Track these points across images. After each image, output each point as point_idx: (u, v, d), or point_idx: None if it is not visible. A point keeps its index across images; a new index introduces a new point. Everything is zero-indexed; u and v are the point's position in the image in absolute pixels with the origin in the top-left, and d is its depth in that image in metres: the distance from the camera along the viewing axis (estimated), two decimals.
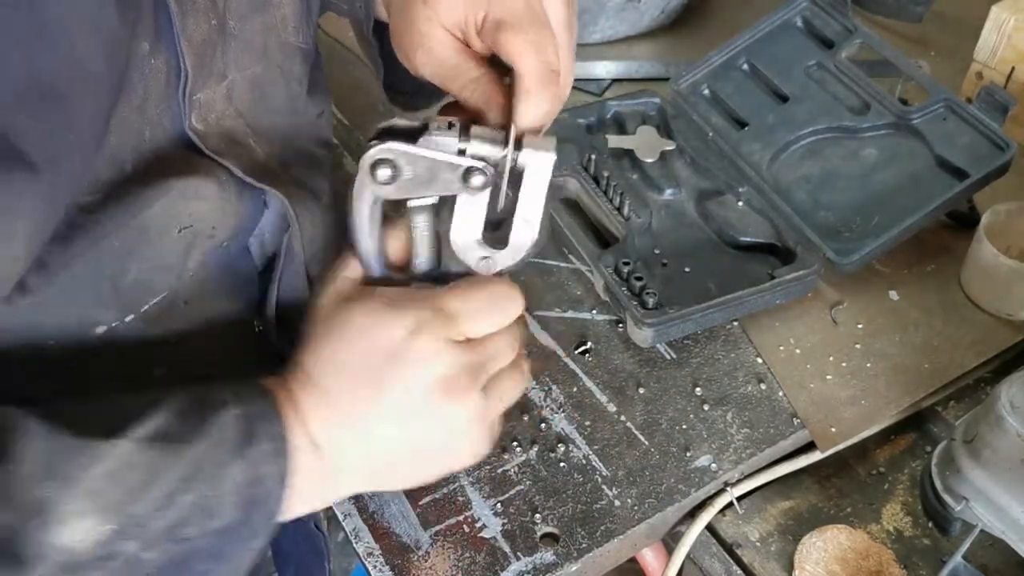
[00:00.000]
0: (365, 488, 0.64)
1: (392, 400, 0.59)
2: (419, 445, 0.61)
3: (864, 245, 0.91)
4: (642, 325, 0.85)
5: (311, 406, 0.59)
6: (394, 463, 0.62)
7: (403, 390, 0.59)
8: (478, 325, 0.60)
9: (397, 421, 0.59)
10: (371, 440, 0.60)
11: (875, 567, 0.77)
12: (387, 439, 0.60)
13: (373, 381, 0.59)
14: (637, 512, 0.79)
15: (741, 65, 1.10)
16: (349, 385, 0.59)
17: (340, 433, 0.59)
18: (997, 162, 0.92)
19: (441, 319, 0.59)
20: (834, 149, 1.01)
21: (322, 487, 0.60)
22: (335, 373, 0.59)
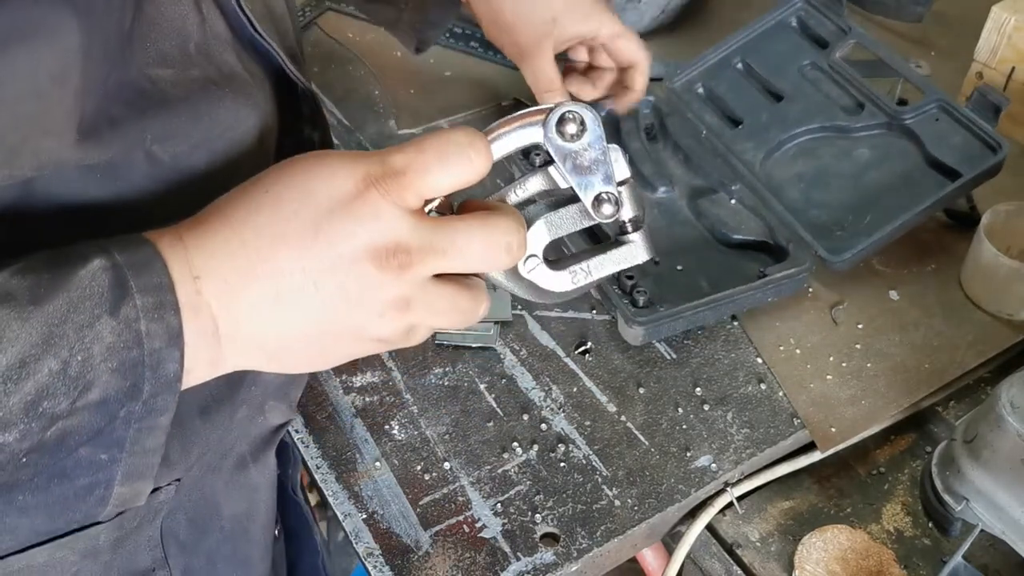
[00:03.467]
0: (253, 365, 0.52)
1: (316, 256, 0.49)
2: (326, 315, 0.50)
3: (856, 243, 0.91)
4: (633, 323, 0.85)
5: (207, 253, 0.49)
6: (294, 334, 0.51)
7: (331, 248, 0.48)
8: (434, 177, 0.49)
9: (314, 282, 0.49)
10: (278, 300, 0.49)
11: (875, 567, 0.77)
12: (296, 301, 0.49)
13: (300, 230, 0.48)
14: (637, 512, 0.79)
15: (736, 64, 1.10)
16: (268, 231, 0.49)
17: (241, 287, 0.49)
18: (989, 162, 0.92)
19: (392, 175, 0.49)
20: (827, 148, 1.02)
21: (210, 356, 0.50)
22: (249, 218, 0.49)
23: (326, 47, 1.28)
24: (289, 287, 0.49)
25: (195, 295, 0.48)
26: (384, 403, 0.86)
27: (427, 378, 0.88)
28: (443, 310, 0.52)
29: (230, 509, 0.71)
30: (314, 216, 0.48)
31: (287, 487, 0.85)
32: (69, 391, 0.45)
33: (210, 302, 0.48)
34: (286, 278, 0.49)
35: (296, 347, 0.51)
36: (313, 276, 0.49)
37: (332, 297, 0.49)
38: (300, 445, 0.84)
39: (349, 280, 0.49)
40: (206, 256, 0.48)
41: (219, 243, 0.49)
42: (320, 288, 0.49)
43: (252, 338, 0.50)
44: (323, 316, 0.50)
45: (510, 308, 0.94)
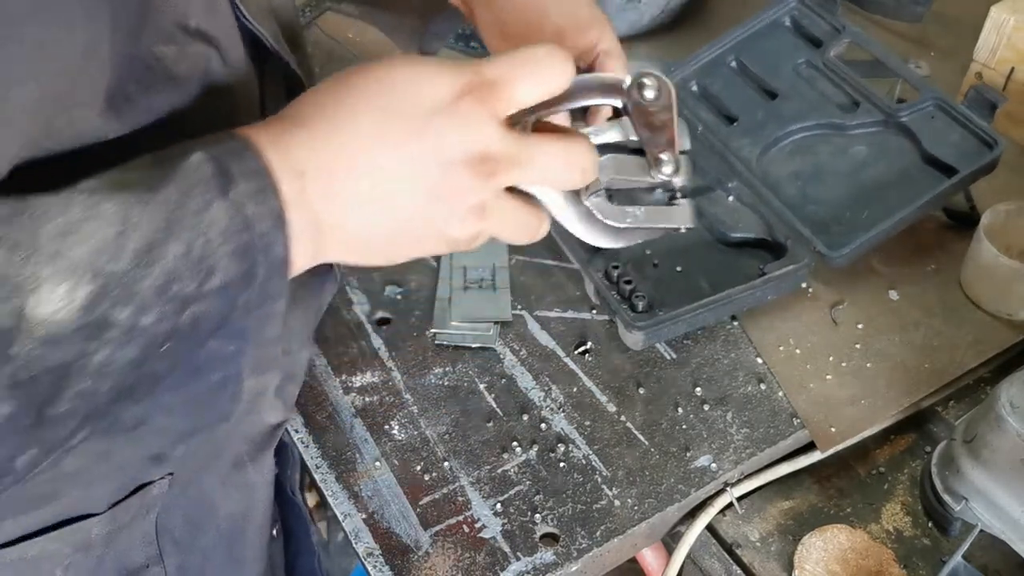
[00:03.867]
0: (343, 257, 0.55)
1: (415, 157, 0.51)
2: (417, 213, 0.53)
3: (854, 239, 0.91)
4: (632, 328, 0.85)
5: (310, 150, 0.51)
6: (385, 229, 0.54)
7: (430, 150, 0.51)
8: (525, 87, 0.52)
9: (411, 181, 0.52)
10: (375, 195, 0.52)
11: (875, 567, 0.77)
12: (392, 198, 0.52)
13: (402, 131, 0.51)
14: (637, 512, 0.79)
15: (730, 62, 1.10)
16: (370, 130, 0.51)
17: (342, 183, 0.51)
18: (985, 159, 0.92)
19: (488, 85, 0.52)
20: (823, 146, 1.02)
21: (313, 247, 0.52)
22: (351, 117, 0.52)
23: (326, 47, 1.28)
24: (388, 183, 0.51)
25: (299, 192, 0.49)
26: (384, 403, 0.86)
27: (427, 378, 0.88)
28: (512, 222, 0.55)
29: (226, 508, 0.71)
30: (415, 118, 0.51)
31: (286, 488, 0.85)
32: (195, 274, 0.46)
33: (313, 199, 0.50)
34: (386, 175, 0.51)
35: (383, 241, 0.54)
36: (411, 175, 0.51)
37: (425, 196, 0.52)
38: (300, 445, 0.84)
39: (442, 182, 0.51)
40: (309, 153, 0.50)
41: (321, 141, 0.51)
42: (415, 187, 0.51)
43: (349, 231, 0.52)
44: (414, 213, 0.53)
45: (510, 308, 0.94)
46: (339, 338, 0.91)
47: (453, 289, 0.95)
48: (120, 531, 0.62)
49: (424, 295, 0.96)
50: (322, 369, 0.89)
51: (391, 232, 0.54)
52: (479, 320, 0.92)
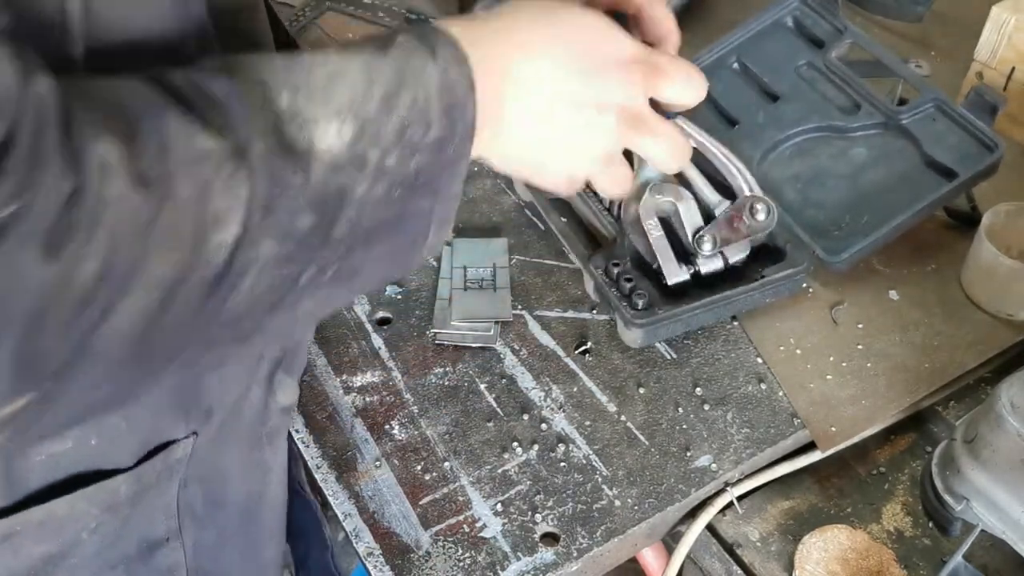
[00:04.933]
0: (514, 124, 0.61)
1: (582, 89, 0.60)
2: (567, 129, 0.61)
3: (853, 243, 0.91)
4: (632, 326, 0.85)
5: (483, 31, 0.58)
6: (543, 132, 0.62)
7: (596, 90, 0.60)
8: (676, 87, 0.64)
9: (572, 105, 0.60)
10: (541, 96, 0.60)
11: (875, 567, 0.77)
12: (554, 110, 0.60)
13: (580, 69, 0.60)
14: (637, 512, 0.79)
15: (732, 64, 1.10)
16: (552, 62, 0.60)
17: (517, 73, 0.59)
18: (986, 162, 0.92)
19: (654, 67, 0.62)
20: (824, 148, 1.02)
21: (493, 114, 0.59)
22: (541, 44, 0.60)
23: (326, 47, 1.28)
24: (554, 97, 0.60)
25: (480, 61, 0.56)
26: (384, 403, 0.86)
27: (427, 378, 0.88)
28: (619, 177, 0.65)
29: (244, 487, 0.72)
30: (593, 61, 0.60)
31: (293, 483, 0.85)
32: (422, 123, 0.52)
33: (495, 70, 0.57)
34: (554, 94, 0.60)
35: (544, 121, 0.61)
36: (577, 102, 0.60)
37: (579, 121, 0.61)
38: (300, 445, 0.84)
39: (594, 117, 0.61)
40: (493, 36, 0.59)
41: (504, 33, 0.59)
42: (576, 111, 0.60)
43: (520, 102, 0.59)
44: (572, 116, 0.61)
45: (510, 308, 0.94)
46: (339, 338, 0.91)
47: (453, 289, 0.95)
48: (145, 493, 0.63)
49: (424, 295, 0.96)
50: (322, 369, 0.89)
51: (553, 115, 0.61)
52: (479, 320, 0.92)
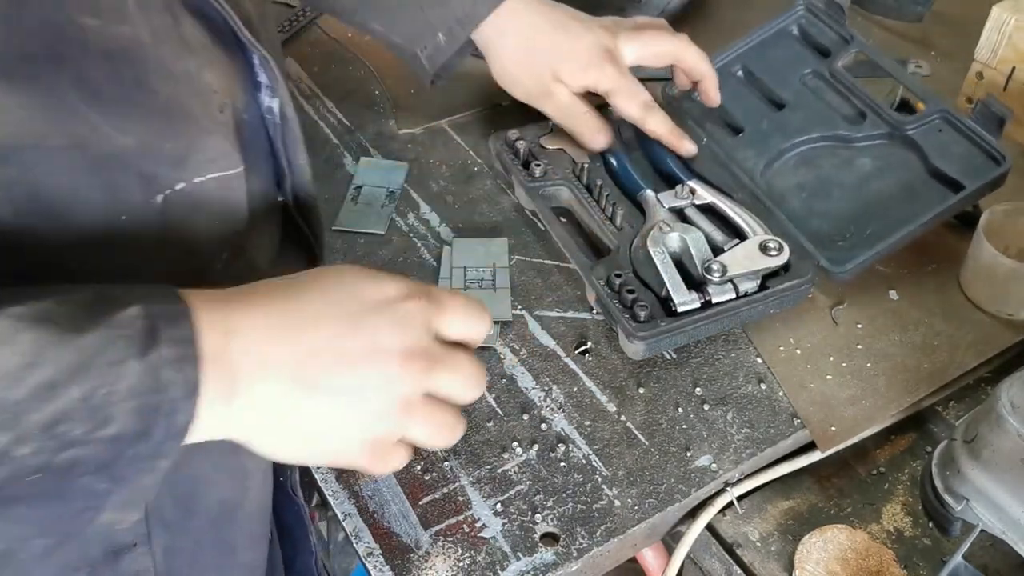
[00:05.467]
0: (257, 422, 0.55)
1: (352, 342, 0.55)
2: (343, 399, 0.56)
3: (858, 254, 0.91)
4: (633, 338, 0.85)
5: (245, 315, 0.54)
6: (304, 410, 0.55)
7: (369, 337, 0.55)
8: (458, 322, 0.60)
9: (345, 366, 0.55)
10: (303, 373, 0.54)
11: (875, 567, 0.77)
12: (319, 379, 0.55)
13: (343, 316, 0.55)
14: (637, 512, 0.79)
15: (736, 71, 1.10)
16: (312, 310, 0.55)
17: (271, 350, 0.54)
18: (992, 174, 0.91)
19: (432, 301, 0.58)
20: (829, 158, 1.01)
21: (224, 399, 0.53)
22: (296, 297, 0.55)
23: (326, 47, 1.28)
24: (318, 364, 0.55)
25: (222, 348, 0.52)
26: None
27: None
28: (434, 422, 0.59)
29: (219, 493, 0.71)
30: (358, 309, 0.56)
31: (286, 486, 0.85)
32: (87, 421, 0.48)
33: (235, 355, 0.53)
34: (318, 355, 0.55)
35: (299, 417, 0.56)
36: (345, 359, 0.55)
37: (356, 382, 0.56)
38: None
39: (374, 370, 0.56)
40: (244, 316, 0.54)
41: (261, 308, 0.55)
42: (349, 371, 0.55)
43: (266, 397, 0.54)
44: (339, 399, 0.56)
45: (510, 308, 0.94)
46: None
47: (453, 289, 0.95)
48: None
49: None
50: None
51: (314, 418, 0.56)
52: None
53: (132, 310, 0.49)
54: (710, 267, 0.87)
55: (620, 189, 1.00)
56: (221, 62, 0.61)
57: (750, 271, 0.88)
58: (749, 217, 0.94)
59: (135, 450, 0.50)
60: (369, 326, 0.56)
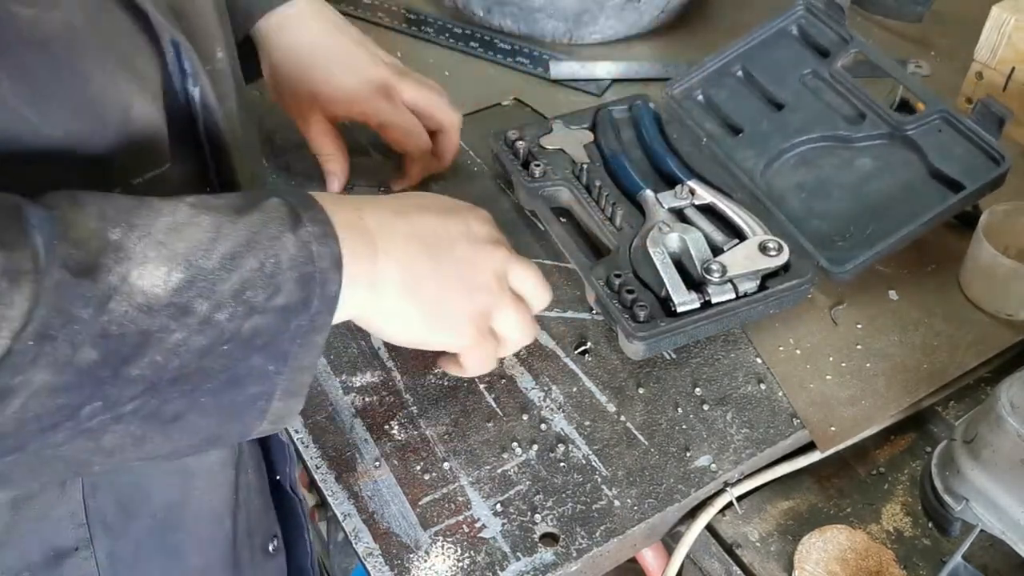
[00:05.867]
0: (396, 292, 0.65)
1: (454, 229, 0.69)
2: (459, 268, 0.68)
3: (858, 255, 0.91)
4: (633, 339, 0.85)
5: (369, 204, 0.64)
6: (426, 264, 0.66)
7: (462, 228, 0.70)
8: (528, 281, 0.74)
9: (457, 241, 0.69)
10: (420, 241, 0.66)
11: (875, 567, 0.77)
12: (433, 247, 0.67)
13: (446, 222, 0.69)
14: (637, 512, 0.79)
15: (736, 72, 1.10)
16: (418, 210, 0.68)
17: (393, 224, 0.64)
18: (992, 174, 0.91)
19: (515, 258, 0.73)
20: (828, 158, 1.01)
21: (367, 275, 0.62)
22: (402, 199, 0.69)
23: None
24: (437, 237, 0.68)
25: (357, 219, 0.62)
26: (384, 403, 0.86)
27: (427, 378, 0.88)
28: (521, 310, 0.74)
29: (162, 495, 0.70)
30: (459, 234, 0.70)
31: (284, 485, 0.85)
32: (265, 287, 0.53)
33: (369, 225, 0.62)
34: (436, 232, 0.68)
35: (426, 281, 0.67)
36: (456, 240, 0.69)
37: (468, 254, 0.69)
38: (300, 445, 0.84)
39: (479, 250, 0.70)
40: (367, 204, 0.64)
41: (377, 203, 0.66)
42: (461, 246, 0.69)
43: (402, 258, 0.64)
44: (458, 266, 0.68)
45: None
46: (339, 338, 0.91)
47: None
48: (32, 500, 0.62)
49: None
50: (322, 369, 0.89)
51: (436, 272, 0.67)
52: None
53: (274, 200, 0.56)
54: (710, 267, 0.87)
55: (620, 189, 1.00)
56: (144, 50, 0.60)
57: (750, 271, 0.88)
58: (749, 217, 0.94)
59: (299, 320, 0.55)
60: (464, 238, 0.70)
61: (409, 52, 1.24)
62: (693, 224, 0.94)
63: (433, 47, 1.26)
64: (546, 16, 1.24)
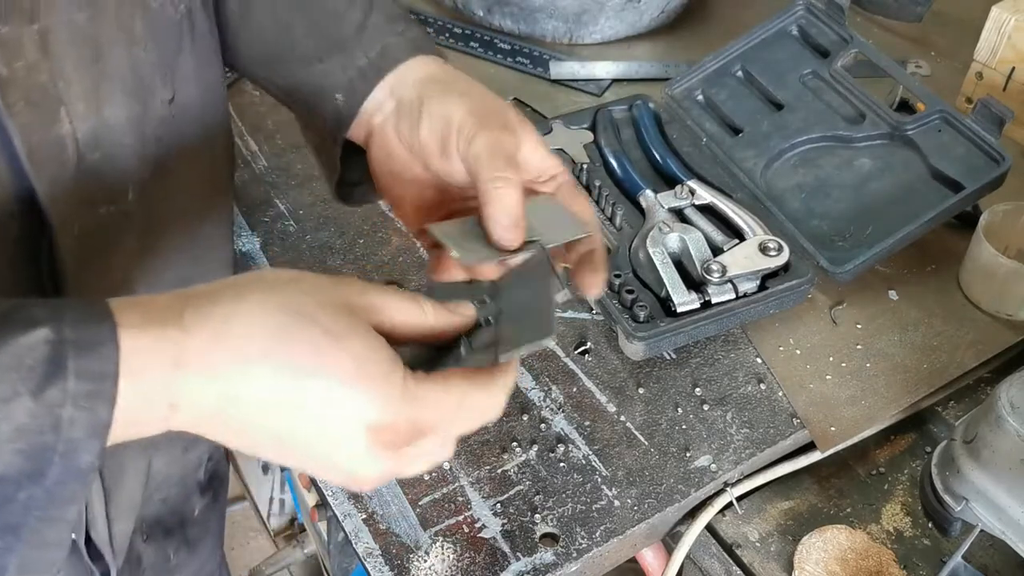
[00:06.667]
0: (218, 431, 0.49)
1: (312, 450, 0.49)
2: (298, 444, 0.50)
3: (858, 255, 0.91)
4: (633, 339, 0.85)
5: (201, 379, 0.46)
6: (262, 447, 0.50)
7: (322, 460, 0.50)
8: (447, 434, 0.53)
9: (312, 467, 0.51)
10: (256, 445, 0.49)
11: (875, 567, 0.77)
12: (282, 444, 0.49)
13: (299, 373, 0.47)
14: (637, 512, 0.79)
15: (736, 72, 1.10)
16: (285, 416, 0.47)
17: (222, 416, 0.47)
18: (992, 174, 0.92)
19: (414, 434, 0.50)
20: (828, 158, 1.01)
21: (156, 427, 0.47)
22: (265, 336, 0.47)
23: None
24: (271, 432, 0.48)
25: (171, 370, 0.45)
26: None
27: None
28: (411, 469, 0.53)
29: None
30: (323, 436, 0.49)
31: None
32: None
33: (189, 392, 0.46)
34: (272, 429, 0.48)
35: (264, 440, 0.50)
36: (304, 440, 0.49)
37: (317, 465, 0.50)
38: None
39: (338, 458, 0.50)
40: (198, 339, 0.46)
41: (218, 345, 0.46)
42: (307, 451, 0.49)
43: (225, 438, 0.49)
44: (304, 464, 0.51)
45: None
46: None
47: None
48: None
49: None
50: None
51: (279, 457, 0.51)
52: None
53: (40, 334, 0.43)
54: (710, 267, 0.87)
55: (620, 189, 1.00)
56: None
57: (750, 271, 0.88)
58: (749, 217, 0.94)
59: (27, 494, 0.44)
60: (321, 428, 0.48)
61: None
62: (693, 224, 0.94)
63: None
64: (546, 16, 1.24)
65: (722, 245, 0.91)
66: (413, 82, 0.67)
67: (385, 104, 0.67)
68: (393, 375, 0.48)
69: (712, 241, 0.92)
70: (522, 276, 0.58)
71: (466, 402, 0.51)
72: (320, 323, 0.47)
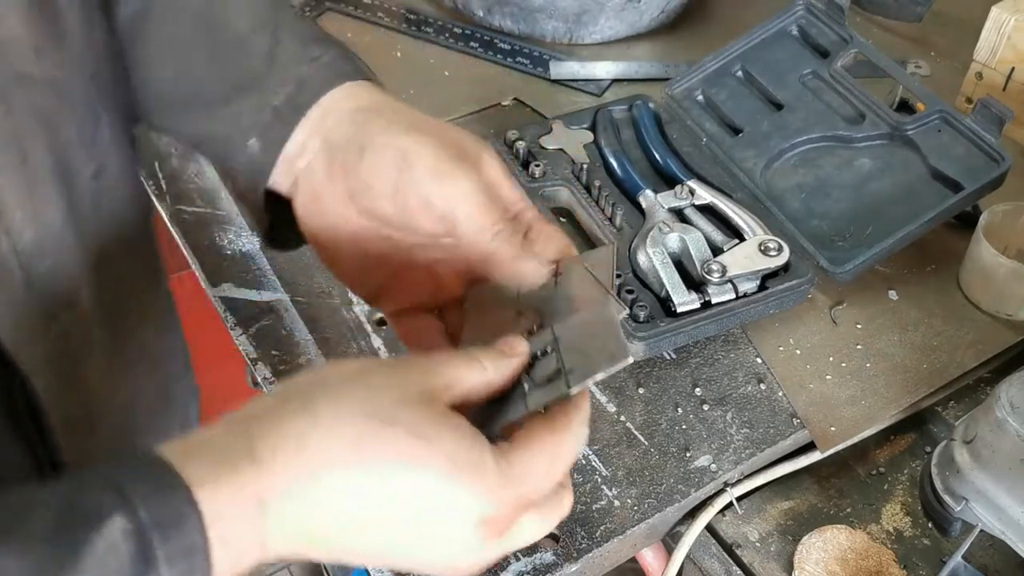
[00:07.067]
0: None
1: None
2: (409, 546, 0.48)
3: (858, 255, 0.91)
4: (633, 339, 0.85)
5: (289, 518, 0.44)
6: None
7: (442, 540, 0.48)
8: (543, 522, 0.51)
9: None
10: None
11: (875, 567, 0.77)
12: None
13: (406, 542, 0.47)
14: (637, 512, 0.79)
15: (736, 72, 1.10)
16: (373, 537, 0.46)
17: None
18: (992, 174, 0.92)
19: (518, 511, 0.49)
20: (828, 158, 1.01)
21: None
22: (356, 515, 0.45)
23: None
24: None
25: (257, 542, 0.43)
26: None
27: None
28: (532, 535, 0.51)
29: None
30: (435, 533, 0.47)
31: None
32: None
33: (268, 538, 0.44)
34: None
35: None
36: None
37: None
38: None
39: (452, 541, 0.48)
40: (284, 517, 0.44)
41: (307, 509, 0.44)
42: None
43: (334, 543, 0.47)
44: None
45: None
46: (339, 338, 0.91)
47: None
48: None
49: None
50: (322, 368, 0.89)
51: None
52: None
53: (115, 525, 0.39)
54: (710, 267, 0.87)
55: (619, 189, 1.00)
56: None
57: (750, 271, 0.88)
58: (749, 217, 0.94)
59: None
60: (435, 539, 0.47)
61: (409, 52, 1.24)
62: (693, 224, 0.94)
63: (433, 47, 1.26)
64: (546, 16, 1.24)
65: (722, 245, 0.91)
66: (342, 115, 0.58)
67: (308, 145, 0.59)
68: (485, 462, 0.46)
69: (712, 241, 0.92)
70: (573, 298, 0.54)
71: (557, 454, 0.49)
72: (402, 422, 0.45)
